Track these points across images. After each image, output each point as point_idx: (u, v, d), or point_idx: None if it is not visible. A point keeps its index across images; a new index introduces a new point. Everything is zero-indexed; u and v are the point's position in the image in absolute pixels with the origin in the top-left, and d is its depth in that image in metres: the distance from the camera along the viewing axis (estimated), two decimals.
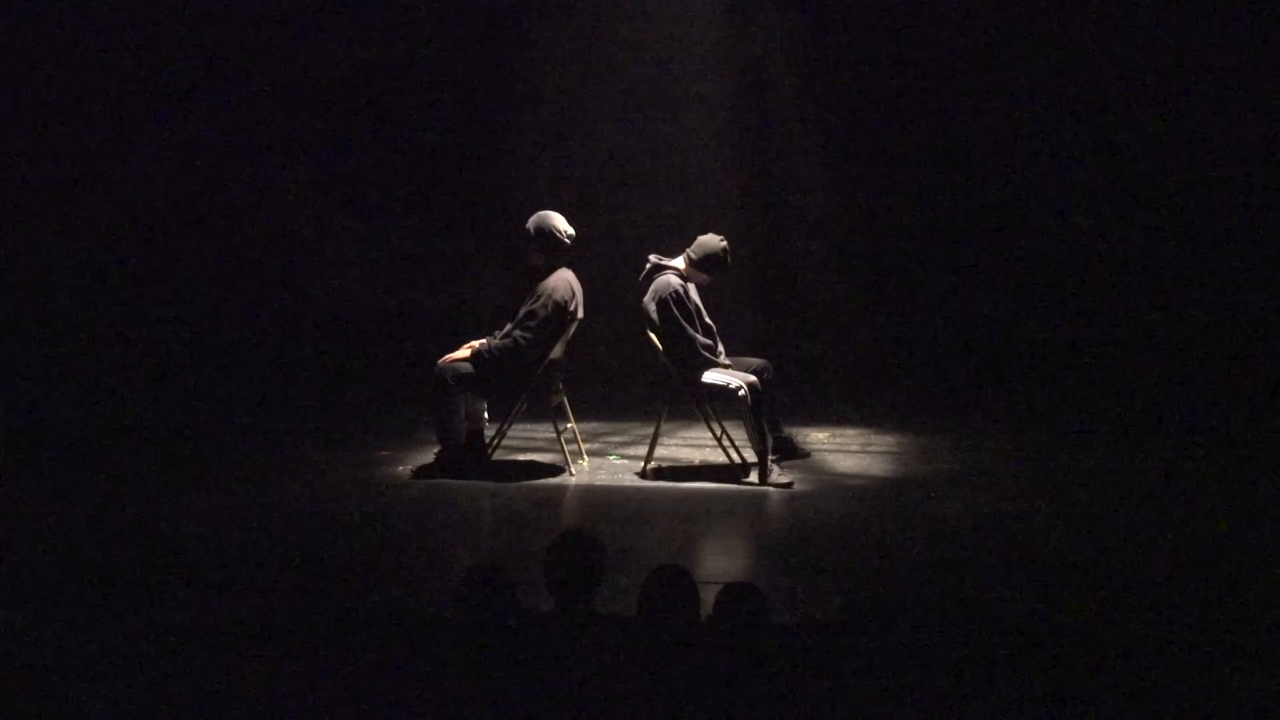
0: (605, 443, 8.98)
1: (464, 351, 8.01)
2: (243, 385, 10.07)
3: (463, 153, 10.34)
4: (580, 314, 8.04)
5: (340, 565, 6.29)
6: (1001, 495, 7.54)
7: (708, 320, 8.07)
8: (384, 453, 8.62)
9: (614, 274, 9.22)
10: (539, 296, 7.92)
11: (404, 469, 8.22)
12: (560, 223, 7.94)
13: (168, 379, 10.10)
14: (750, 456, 7.99)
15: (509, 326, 8.00)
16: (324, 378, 10.15)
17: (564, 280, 7.99)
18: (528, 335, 7.88)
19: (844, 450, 8.74)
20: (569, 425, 8.31)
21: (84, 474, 8.09)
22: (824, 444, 8.87)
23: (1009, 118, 9.90)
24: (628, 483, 7.97)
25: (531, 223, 7.94)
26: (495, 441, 8.18)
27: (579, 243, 8.01)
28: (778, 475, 7.86)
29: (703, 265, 7.99)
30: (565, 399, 8.26)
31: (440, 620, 4.84)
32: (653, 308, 7.89)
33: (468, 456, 8.05)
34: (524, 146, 10.38)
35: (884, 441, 8.94)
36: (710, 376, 7.91)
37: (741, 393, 7.79)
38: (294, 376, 10.15)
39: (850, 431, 9.19)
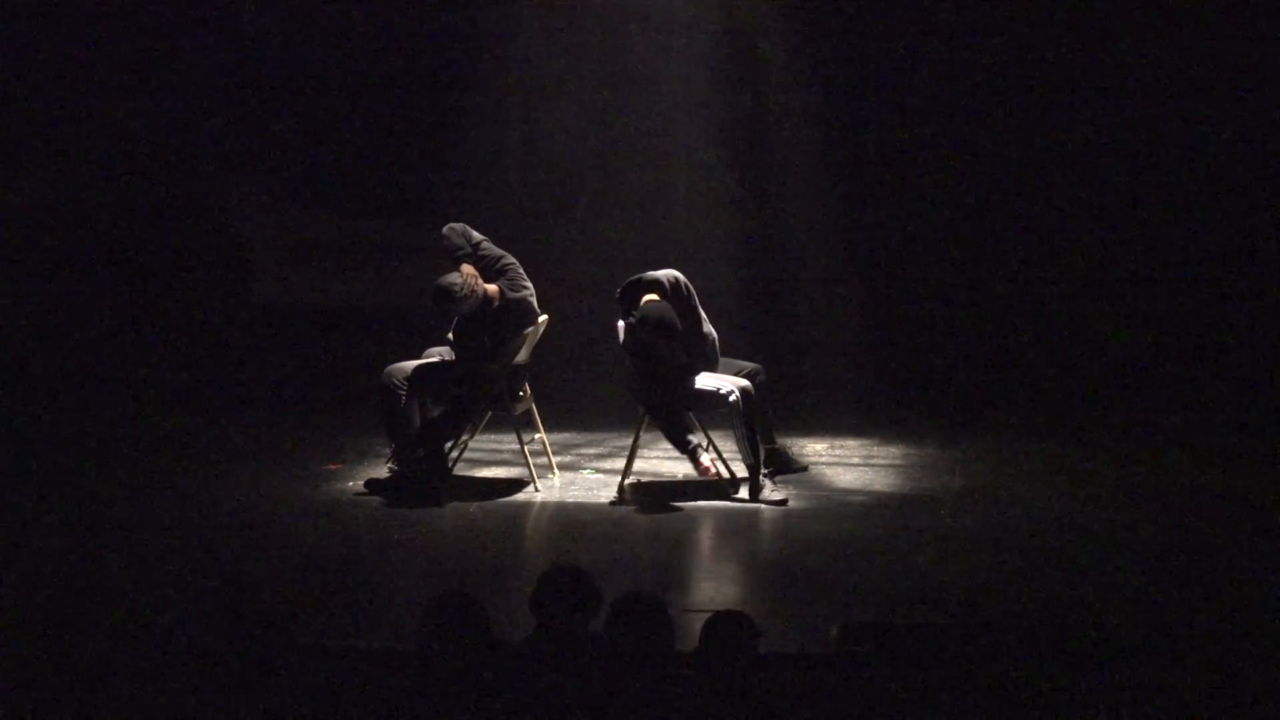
0: (578, 455, 8.82)
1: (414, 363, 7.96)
2: (176, 385, 9.87)
3: (425, 140, 10.18)
4: (526, 296, 7.82)
5: (275, 597, 5.79)
6: (1015, 511, 7.51)
7: (708, 329, 7.83)
8: (332, 466, 8.41)
9: (587, 268, 9.17)
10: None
11: (353, 484, 8.03)
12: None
13: (96, 377, 9.92)
14: (740, 470, 7.83)
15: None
16: (270, 378, 9.94)
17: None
18: (472, 347, 7.73)
19: (844, 463, 8.59)
20: (536, 435, 8.16)
21: None
22: (822, 456, 8.71)
23: (1019, 103, 9.77)
24: (603, 499, 7.85)
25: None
26: (456, 454, 8.03)
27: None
28: (771, 491, 7.66)
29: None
30: (533, 405, 8.11)
31: (393, 657, 4.71)
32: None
33: (425, 471, 7.80)
34: (489, 130, 10.16)
35: (888, 454, 8.80)
36: (698, 381, 7.74)
37: (732, 398, 7.60)
38: (235, 377, 9.96)
39: (851, 443, 9.03)
